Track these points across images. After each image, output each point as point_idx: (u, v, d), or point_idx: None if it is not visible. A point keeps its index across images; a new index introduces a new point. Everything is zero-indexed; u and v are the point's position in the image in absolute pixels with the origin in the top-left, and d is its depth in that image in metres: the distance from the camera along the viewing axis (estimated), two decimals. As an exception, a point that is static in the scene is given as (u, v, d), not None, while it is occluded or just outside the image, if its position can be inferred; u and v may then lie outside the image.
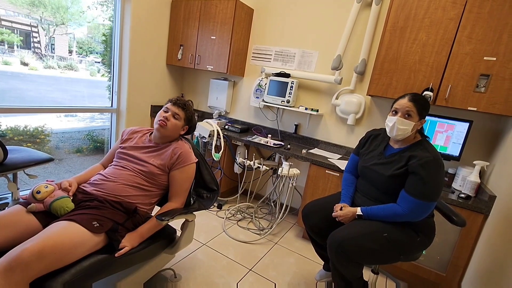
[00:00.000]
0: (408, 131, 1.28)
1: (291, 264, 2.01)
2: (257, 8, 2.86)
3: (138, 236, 1.23)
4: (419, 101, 1.29)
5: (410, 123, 1.27)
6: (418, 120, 1.28)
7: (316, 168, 2.20)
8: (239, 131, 2.80)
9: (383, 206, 1.32)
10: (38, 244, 0.92)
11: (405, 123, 1.27)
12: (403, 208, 1.25)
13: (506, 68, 1.70)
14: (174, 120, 1.40)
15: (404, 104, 1.28)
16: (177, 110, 1.42)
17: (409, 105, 1.27)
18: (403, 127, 1.27)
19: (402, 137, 1.31)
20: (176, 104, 1.43)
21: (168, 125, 1.38)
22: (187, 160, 1.38)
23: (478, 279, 1.62)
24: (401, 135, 1.30)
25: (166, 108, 1.42)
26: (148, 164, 1.35)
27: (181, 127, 1.44)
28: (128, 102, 2.87)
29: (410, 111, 1.27)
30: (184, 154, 1.37)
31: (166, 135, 1.41)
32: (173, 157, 1.36)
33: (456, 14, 1.79)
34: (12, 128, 2.55)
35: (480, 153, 2.03)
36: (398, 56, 2.00)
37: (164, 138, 1.42)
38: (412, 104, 1.27)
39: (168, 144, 1.42)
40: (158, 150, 1.40)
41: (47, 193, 1.16)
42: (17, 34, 2.54)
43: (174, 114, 1.41)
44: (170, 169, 1.38)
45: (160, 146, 1.42)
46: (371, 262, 1.36)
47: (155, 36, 2.99)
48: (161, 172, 1.37)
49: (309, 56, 2.65)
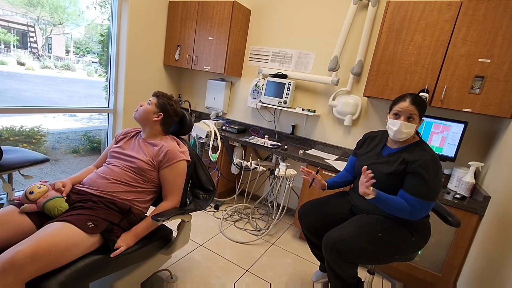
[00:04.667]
0: (411, 133, 1.30)
1: (288, 265, 2.01)
2: (254, 9, 2.86)
3: (133, 236, 1.23)
4: (420, 103, 1.30)
5: (413, 126, 1.29)
6: (419, 121, 1.31)
7: (313, 168, 2.21)
8: (236, 131, 2.80)
9: (395, 197, 1.27)
10: (32, 246, 0.91)
11: (409, 126, 1.29)
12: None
13: (501, 70, 1.71)
14: (147, 106, 1.46)
15: (406, 108, 1.29)
16: (151, 98, 1.49)
17: (412, 109, 1.28)
18: (407, 130, 1.29)
19: (405, 139, 1.33)
20: (153, 94, 1.51)
21: (139, 110, 1.46)
22: (175, 157, 1.38)
23: (473, 279, 1.63)
24: (405, 137, 1.32)
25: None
26: (137, 160, 1.36)
27: (152, 112, 1.45)
28: (125, 102, 2.87)
29: (413, 114, 1.28)
30: (170, 152, 1.38)
31: (139, 121, 1.47)
32: (159, 154, 1.37)
33: (451, 16, 1.81)
34: (7, 129, 2.54)
35: (475, 154, 2.04)
36: (394, 57, 2.01)
37: (143, 126, 1.48)
38: (414, 107, 1.28)
39: (155, 140, 1.44)
40: (146, 146, 1.42)
41: (40, 194, 1.16)
42: (14, 33, 2.53)
43: (149, 102, 1.48)
44: (159, 167, 1.38)
45: (148, 141, 1.44)
46: (366, 262, 1.36)
47: (153, 36, 2.99)
48: (151, 168, 1.37)
49: (306, 57, 2.66)
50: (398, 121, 1.30)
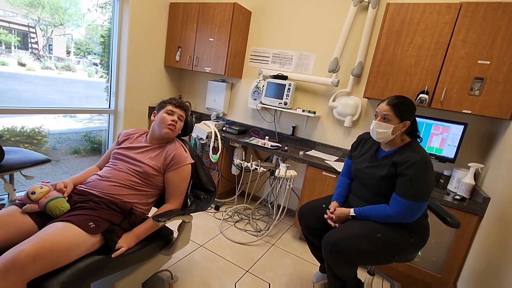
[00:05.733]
0: (388, 133, 1.30)
1: (288, 266, 2.01)
2: (254, 10, 2.87)
3: (134, 237, 1.23)
4: (398, 104, 1.30)
5: (388, 126, 1.29)
6: (399, 122, 1.29)
7: (313, 170, 2.21)
8: (237, 132, 2.80)
9: (375, 206, 1.34)
10: (34, 246, 0.92)
11: (383, 126, 1.30)
12: (393, 209, 1.27)
13: (500, 71, 1.72)
14: (180, 123, 1.45)
15: (382, 108, 1.32)
16: (181, 112, 1.46)
17: (386, 109, 1.30)
18: (381, 130, 1.31)
19: (383, 140, 1.34)
20: (179, 107, 1.46)
21: (177, 128, 1.43)
22: (182, 161, 1.39)
23: (473, 280, 1.64)
24: (382, 138, 1.33)
25: (171, 111, 1.44)
26: (143, 164, 1.36)
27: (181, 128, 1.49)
28: (125, 103, 2.87)
29: (387, 115, 1.29)
30: (178, 156, 1.38)
31: (170, 137, 1.45)
32: (167, 158, 1.37)
33: (451, 18, 1.82)
34: (9, 129, 2.54)
35: (475, 155, 2.05)
36: (394, 59, 2.02)
37: (165, 139, 1.44)
38: (389, 107, 1.30)
39: (163, 144, 1.44)
40: (153, 150, 1.42)
41: (42, 194, 1.16)
42: (15, 34, 2.54)
43: (180, 117, 1.45)
44: (165, 170, 1.38)
45: (155, 145, 1.43)
46: (365, 262, 1.37)
47: (153, 37, 3.00)
48: (156, 173, 1.37)
49: (306, 58, 2.67)
50: (374, 121, 1.33)
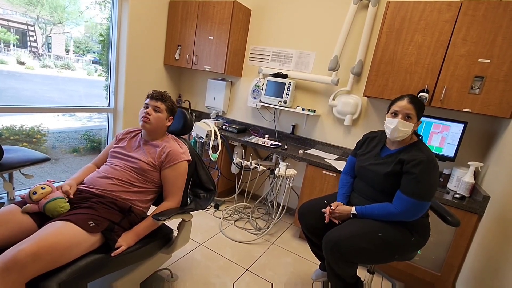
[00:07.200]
0: (408, 132, 1.31)
1: (288, 264, 2.02)
2: (254, 9, 2.86)
3: (134, 235, 1.24)
4: (418, 103, 1.32)
5: (410, 125, 1.30)
6: (417, 121, 1.31)
7: (313, 168, 2.21)
8: (237, 131, 2.80)
9: (377, 205, 1.34)
10: (34, 245, 0.92)
11: (406, 125, 1.30)
12: (396, 206, 1.27)
13: (500, 70, 1.72)
14: (155, 114, 1.40)
15: (404, 106, 1.31)
16: (156, 103, 1.42)
17: (409, 107, 1.30)
18: (404, 129, 1.30)
19: (402, 138, 1.34)
20: (154, 98, 1.43)
21: (151, 119, 1.39)
22: (177, 158, 1.38)
23: (472, 278, 1.64)
24: (402, 136, 1.32)
25: (146, 104, 1.43)
26: (138, 161, 1.36)
27: (165, 119, 1.44)
28: (125, 102, 2.86)
29: (410, 113, 1.29)
30: (172, 153, 1.38)
31: (153, 130, 1.42)
32: (161, 155, 1.37)
33: (451, 16, 1.81)
34: (8, 128, 2.54)
35: (474, 154, 2.05)
36: (394, 57, 2.01)
37: (152, 133, 1.44)
38: (412, 106, 1.30)
39: (158, 141, 1.44)
40: (147, 147, 1.42)
41: (43, 195, 1.15)
42: (13, 33, 2.53)
43: (155, 108, 1.41)
44: (161, 168, 1.38)
45: (149, 142, 1.43)
46: (366, 261, 1.37)
47: (153, 36, 2.99)
48: (152, 169, 1.37)
49: (306, 57, 2.66)
50: (395, 120, 1.31)
